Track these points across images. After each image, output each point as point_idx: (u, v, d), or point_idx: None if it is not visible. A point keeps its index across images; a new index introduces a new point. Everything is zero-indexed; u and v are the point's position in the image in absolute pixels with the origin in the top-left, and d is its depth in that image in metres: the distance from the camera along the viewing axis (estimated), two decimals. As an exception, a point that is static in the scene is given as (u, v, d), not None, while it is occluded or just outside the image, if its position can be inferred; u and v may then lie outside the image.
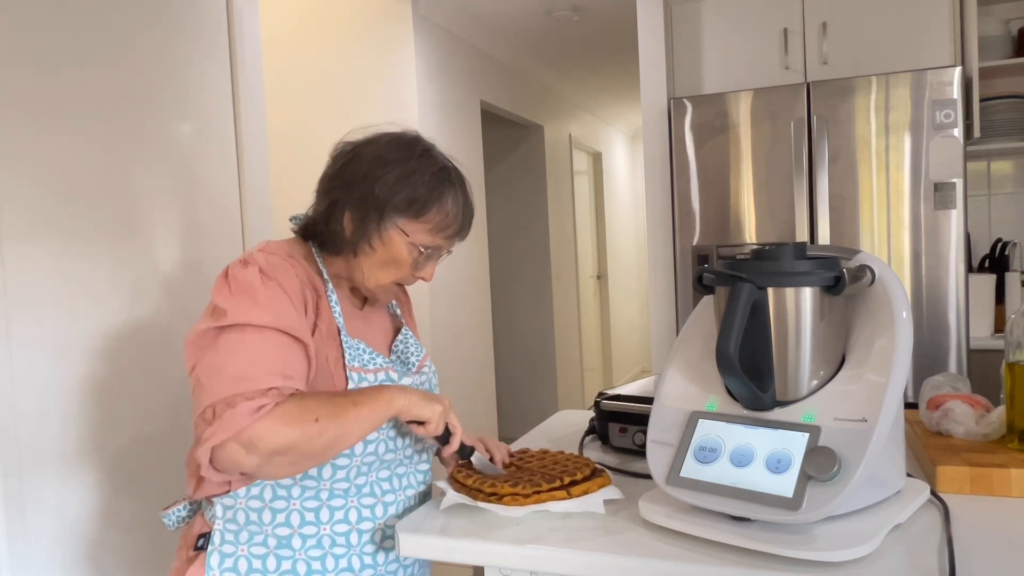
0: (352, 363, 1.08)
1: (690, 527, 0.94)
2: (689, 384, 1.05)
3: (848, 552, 0.84)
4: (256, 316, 0.99)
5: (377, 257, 1.10)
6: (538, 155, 5.21)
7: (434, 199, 1.09)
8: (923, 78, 2.44)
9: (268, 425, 0.93)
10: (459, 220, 1.13)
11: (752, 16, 2.85)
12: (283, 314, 1.01)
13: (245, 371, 0.96)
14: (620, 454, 1.35)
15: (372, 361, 1.12)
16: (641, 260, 7.78)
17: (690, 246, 2.75)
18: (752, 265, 0.96)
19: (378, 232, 1.09)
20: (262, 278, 1.03)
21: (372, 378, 1.10)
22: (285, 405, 0.96)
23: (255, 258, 1.05)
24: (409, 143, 1.13)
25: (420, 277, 1.15)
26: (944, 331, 2.46)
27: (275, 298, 1.01)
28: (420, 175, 1.08)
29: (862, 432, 0.88)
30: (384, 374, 1.12)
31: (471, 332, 4.02)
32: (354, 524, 1.08)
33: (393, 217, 1.08)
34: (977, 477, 1.06)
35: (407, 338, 1.25)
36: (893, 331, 0.93)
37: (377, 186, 1.07)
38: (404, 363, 1.22)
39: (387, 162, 1.09)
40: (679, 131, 2.74)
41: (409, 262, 1.11)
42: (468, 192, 1.16)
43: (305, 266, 1.10)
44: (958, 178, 2.42)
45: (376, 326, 1.22)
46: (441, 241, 1.12)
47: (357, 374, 1.08)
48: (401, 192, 1.07)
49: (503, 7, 3.68)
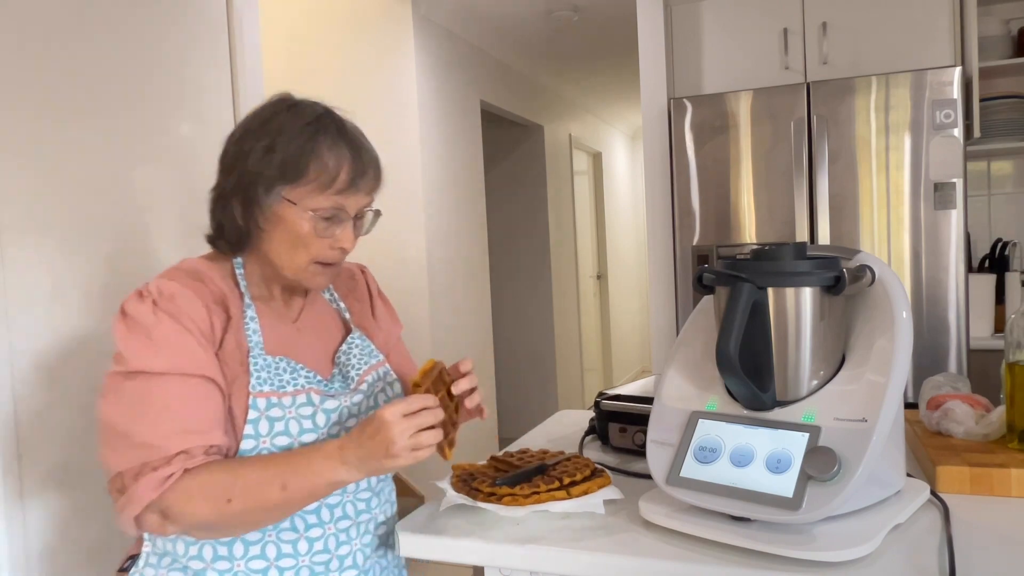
0: (261, 387, 0.98)
1: (690, 527, 0.94)
2: (689, 384, 1.05)
3: (848, 552, 0.84)
4: (153, 361, 0.92)
5: (278, 238, 1.00)
6: (538, 155, 5.21)
7: (307, 155, 0.97)
8: (923, 78, 2.44)
9: (178, 498, 0.89)
10: (347, 170, 0.99)
11: (752, 16, 2.85)
12: (182, 352, 0.93)
13: (149, 436, 0.90)
14: (620, 454, 1.35)
15: (292, 382, 1.01)
16: (641, 260, 7.78)
17: (690, 246, 2.75)
18: (752, 265, 0.96)
19: (267, 210, 0.99)
20: (155, 313, 0.94)
21: (288, 402, 0.99)
22: (197, 476, 0.90)
23: (150, 288, 0.97)
24: (273, 104, 1.03)
25: (340, 247, 1.02)
26: (944, 331, 2.46)
27: (172, 335, 0.93)
28: (287, 134, 0.98)
29: (862, 432, 0.88)
30: (304, 396, 1.01)
31: (471, 332, 4.02)
32: (272, 560, 0.99)
33: (274, 188, 0.98)
34: (977, 477, 1.06)
35: (351, 346, 1.12)
36: (893, 331, 0.93)
37: (249, 161, 0.98)
38: (344, 377, 1.10)
39: (252, 132, 1.00)
40: (679, 131, 2.74)
41: (312, 233, 0.99)
42: (353, 136, 1.02)
43: (217, 284, 1.02)
44: (958, 178, 2.42)
45: (314, 337, 1.11)
46: (339, 200, 0.99)
47: (265, 400, 0.98)
48: (272, 158, 0.97)
49: (503, 7, 3.68)
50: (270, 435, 0.98)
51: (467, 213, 4.03)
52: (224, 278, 1.04)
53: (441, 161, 3.75)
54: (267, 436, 0.98)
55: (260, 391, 0.98)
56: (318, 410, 1.02)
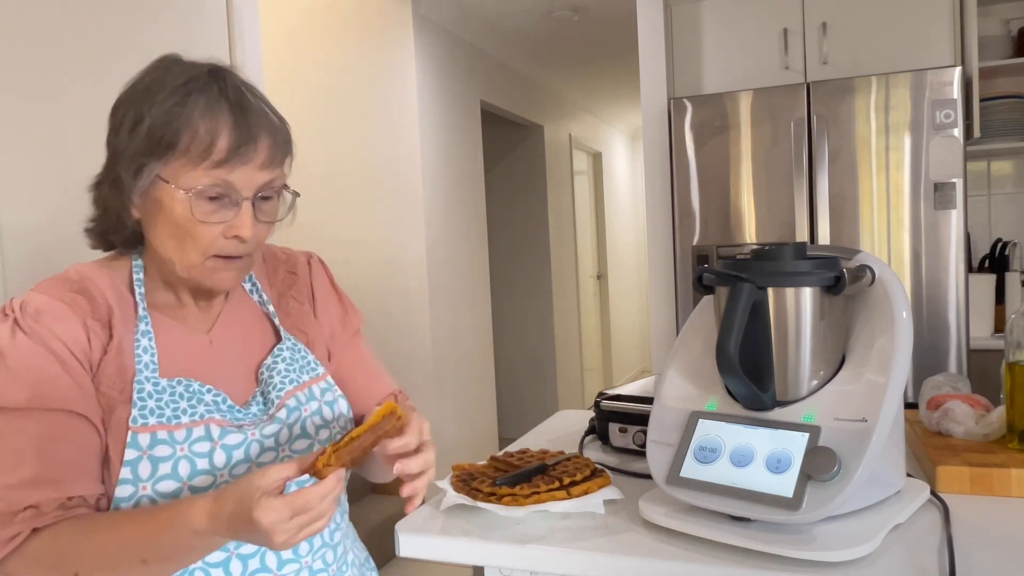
0: (145, 420, 0.81)
1: (690, 527, 0.94)
2: (689, 384, 1.05)
3: (848, 552, 0.84)
4: (8, 394, 0.77)
5: (160, 229, 0.83)
6: (538, 155, 5.21)
7: (177, 120, 0.79)
8: (923, 78, 2.44)
9: (18, 565, 0.76)
10: (226, 136, 0.80)
11: (752, 16, 2.85)
12: (43, 382, 0.78)
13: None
14: (620, 454, 1.35)
15: (190, 411, 0.83)
16: (641, 260, 7.78)
17: (690, 246, 2.75)
18: (752, 265, 0.96)
19: (144, 195, 0.82)
20: (14, 335, 0.79)
21: (181, 436, 0.82)
22: (41, 540, 0.76)
23: (14, 305, 0.82)
24: (151, 66, 0.85)
25: (235, 236, 0.83)
26: (944, 331, 2.46)
27: (32, 361, 0.78)
28: (154, 100, 0.80)
29: (862, 432, 0.88)
30: (202, 428, 0.83)
31: (471, 332, 4.02)
32: None
33: (146, 167, 0.80)
34: (977, 477, 1.06)
35: (277, 359, 0.93)
36: (893, 331, 0.93)
37: (118, 136, 0.83)
38: (266, 400, 0.91)
39: (123, 102, 0.84)
40: (679, 131, 2.74)
41: (194, 218, 0.81)
42: (240, 97, 0.83)
43: (104, 294, 0.85)
44: (958, 178, 2.42)
45: (232, 350, 0.92)
46: (220, 175, 0.80)
47: (148, 435, 0.80)
48: (139, 130, 0.80)
49: (503, 7, 3.68)
50: (152, 479, 0.80)
51: (467, 213, 4.03)
52: (117, 285, 0.87)
53: (441, 161, 3.75)
54: (148, 480, 0.80)
55: (142, 424, 0.81)
56: (216, 446, 0.83)
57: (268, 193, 0.86)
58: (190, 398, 0.84)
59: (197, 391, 0.85)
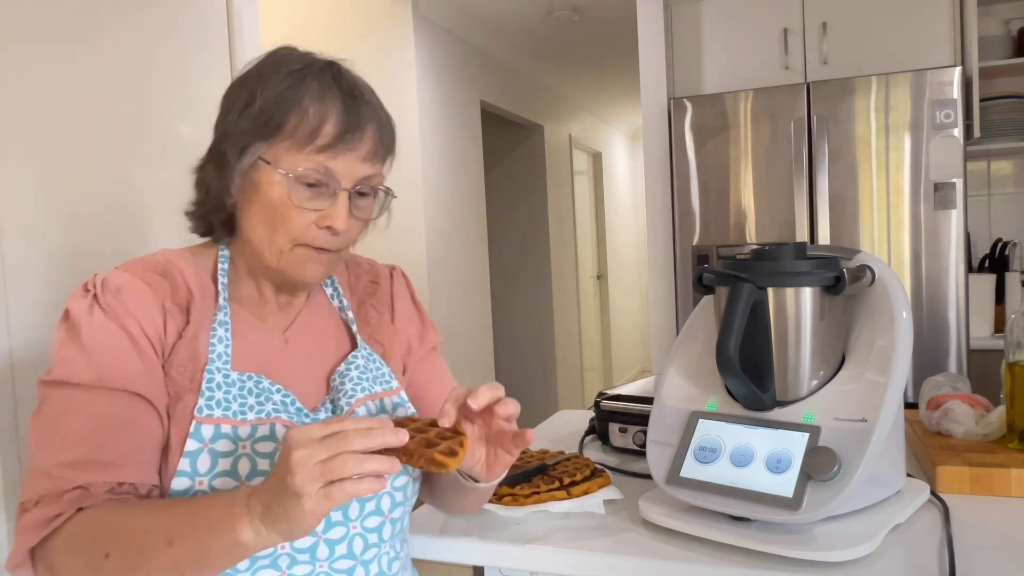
0: (210, 411, 0.79)
1: (690, 527, 0.94)
2: (689, 384, 1.05)
3: (848, 552, 0.84)
4: (75, 370, 0.76)
5: (255, 212, 0.83)
6: (538, 155, 5.21)
7: (287, 103, 0.79)
8: (923, 78, 2.44)
9: (58, 545, 0.72)
10: (335, 121, 0.80)
11: (752, 16, 2.85)
12: (112, 361, 0.77)
13: (50, 465, 0.74)
14: (620, 454, 1.35)
15: (258, 407, 0.81)
16: (641, 260, 7.78)
17: (690, 246, 2.75)
18: (752, 265, 0.96)
19: (243, 177, 0.82)
20: (91, 310, 0.79)
21: (246, 433, 0.79)
22: (79, 521, 0.72)
23: (97, 281, 0.82)
24: (267, 53, 0.86)
25: (327, 226, 0.82)
26: (944, 331, 2.46)
27: (104, 337, 0.78)
28: (268, 83, 0.81)
29: (862, 432, 0.88)
30: (268, 427, 0.80)
31: (471, 332, 4.02)
32: None
33: (250, 147, 0.81)
34: (977, 477, 1.06)
35: (350, 367, 0.90)
36: (893, 331, 0.93)
37: (228, 118, 0.83)
38: (335, 406, 0.88)
39: (236, 86, 0.85)
40: (679, 131, 2.74)
41: (290, 203, 0.80)
42: (353, 87, 0.84)
43: (186, 280, 0.84)
44: (958, 178, 2.42)
45: (307, 352, 0.90)
46: (323, 160, 0.80)
47: (212, 427, 0.78)
48: (249, 111, 0.81)
49: (503, 7, 3.68)
50: (210, 474, 0.77)
51: (467, 213, 4.03)
52: (200, 273, 0.86)
53: (441, 161, 3.75)
54: (206, 475, 0.77)
55: (207, 415, 0.78)
56: (279, 447, 0.79)
57: (365, 189, 0.85)
58: (259, 395, 0.82)
59: (267, 389, 0.83)
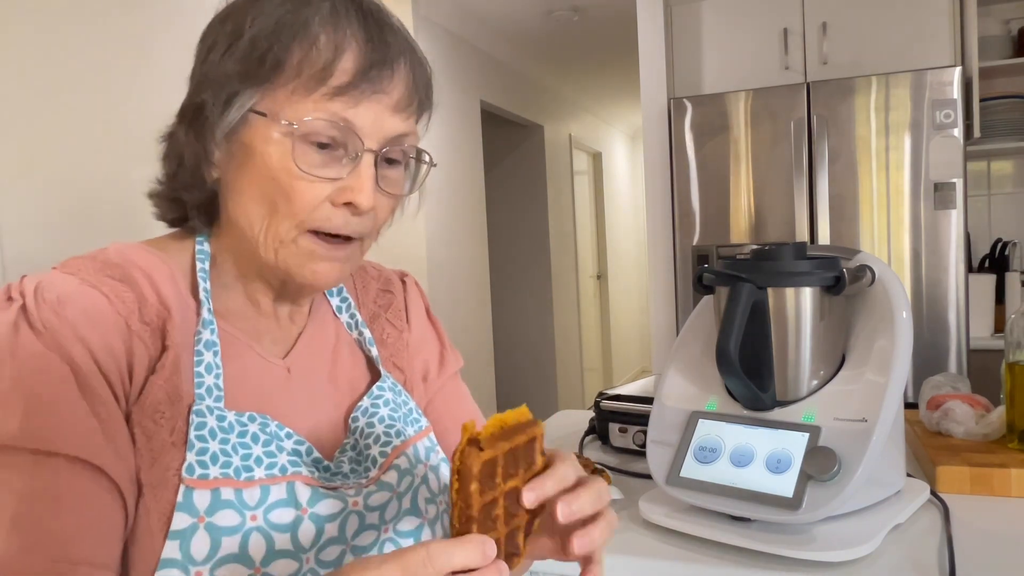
0: (204, 470, 0.55)
1: (690, 527, 0.94)
2: (689, 384, 1.05)
3: (848, 552, 0.84)
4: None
5: (244, 186, 0.60)
6: (538, 155, 5.21)
7: (287, 31, 0.58)
8: (923, 78, 2.44)
9: None
10: (355, 54, 0.58)
11: (752, 16, 2.85)
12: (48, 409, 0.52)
13: None
14: (620, 454, 1.35)
15: (267, 459, 0.58)
16: (641, 260, 7.78)
17: (690, 246, 2.75)
18: (752, 265, 0.96)
19: (229, 139, 0.60)
20: (17, 330, 0.54)
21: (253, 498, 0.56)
22: None
23: (25, 286, 0.56)
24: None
25: (347, 203, 0.60)
26: (944, 331, 2.45)
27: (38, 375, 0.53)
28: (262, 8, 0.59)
29: (862, 432, 0.88)
30: (284, 488, 0.58)
31: (471, 332, 4.02)
32: None
33: (237, 95, 0.58)
34: (977, 477, 1.06)
35: (377, 403, 0.68)
36: (893, 331, 0.93)
37: (205, 64, 0.61)
38: (360, 455, 0.66)
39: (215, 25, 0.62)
40: (679, 131, 2.74)
41: (295, 170, 0.58)
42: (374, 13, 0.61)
43: (156, 286, 0.60)
44: (958, 178, 2.42)
45: (317, 384, 0.68)
46: (339, 108, 0.58)
47: (209, 493, 0.55)
48: (235, 49, 0.59)
49: (503, 7, 3.68)
50: (210, 562, 0.54)
51: (467, 213, 4.03)
52: (174, 276, 0.62)
53: (441, 161, 3.75)
54: (205, 564, 0.54)
55: (201, 476, 0.55)
56: (304, 516, 0.58)
57: (396, 154, 0.63)
58: (266, 443, 0.59)
59: (275, 434, 0.60)
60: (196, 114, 0.61)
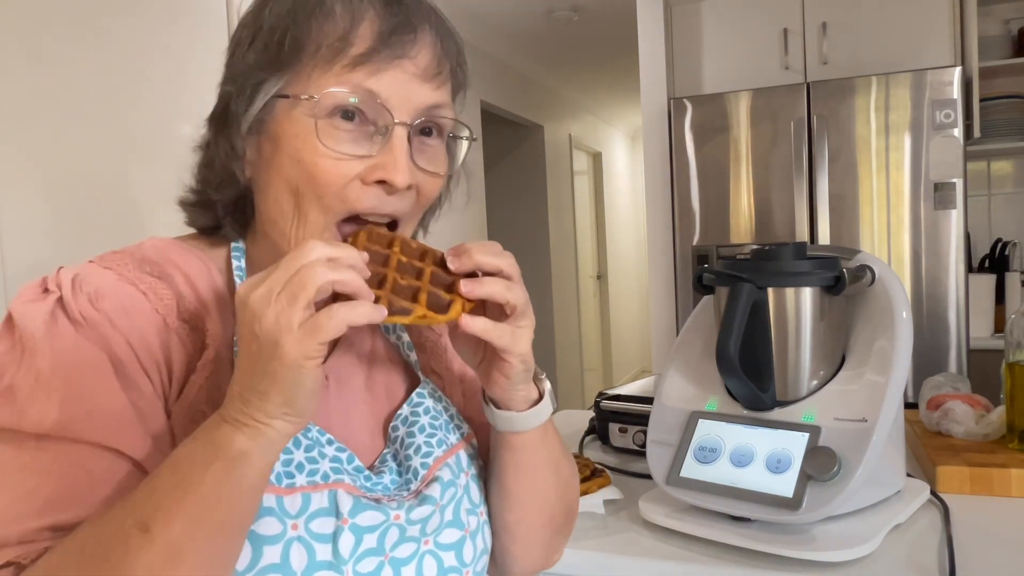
0: None
1: (690, 527, 0.94)
2: (689, 384, 1.05)
3: (848, 552, 0.84)
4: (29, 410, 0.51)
5: (274, 177, 0.58)
6: (538, 155, 5.21)
7: (304, 11, 0.57)
8: (923, 78, 2.44)
9: None
10: (373, 20, 0.57)
11: (752, 16, 2.85)
12: (87, 399, 0.52)
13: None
14: (620, 454, 1.35)
15: (309, 466, 0.57)
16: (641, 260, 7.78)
17: (690, 246, 2.75)
18: (752, 265, 0.96)
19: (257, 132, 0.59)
20: (55, 320, 0.53)
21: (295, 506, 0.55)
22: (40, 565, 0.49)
23: (62, 278, 0.56)
24: None
25: (380, 180, 0.57)
26: (944, 331, 2.45)
27: (77, 366, 0.52)
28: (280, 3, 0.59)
29: (862, 432, 0.88)
30: (326, 496, 0.56)
31: (471, 332, 4.02)
32: None
33: (262, 85, 0.58)
34: (977, 477, 1.06)
35: (418, 411, 0.66)
36: (893, 331, 0.93)
37: (232, 61, 0.61)
38: (401, 465, 0.64)
39: (239, 28, 0.62)
40: (679, 131, 2.74)
41: (319, 147, 0.56)
42: None
43: (194, 283, 0.60)
44: (958, 178, 2.42)
45: (355, 390, 0.66)
46: (358, 78, 0.56)
47: None
48: (257, 41, 0.59)
49: (503, 7, 3.68)
50: (251, 573, 0.53)
51: (467, 213, 4.03)
52: (212, 275, 0.62)
53: (441, 161, 3.75)
54: (244, 574, 0.53)
55: None
56: (345, 527, 0.56)
57: (431, 124, 0.60)
58: (308, 448, 0.57)
59: (316, 441, 0.58)
60: (223, 111, 0.61)
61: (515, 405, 0.63)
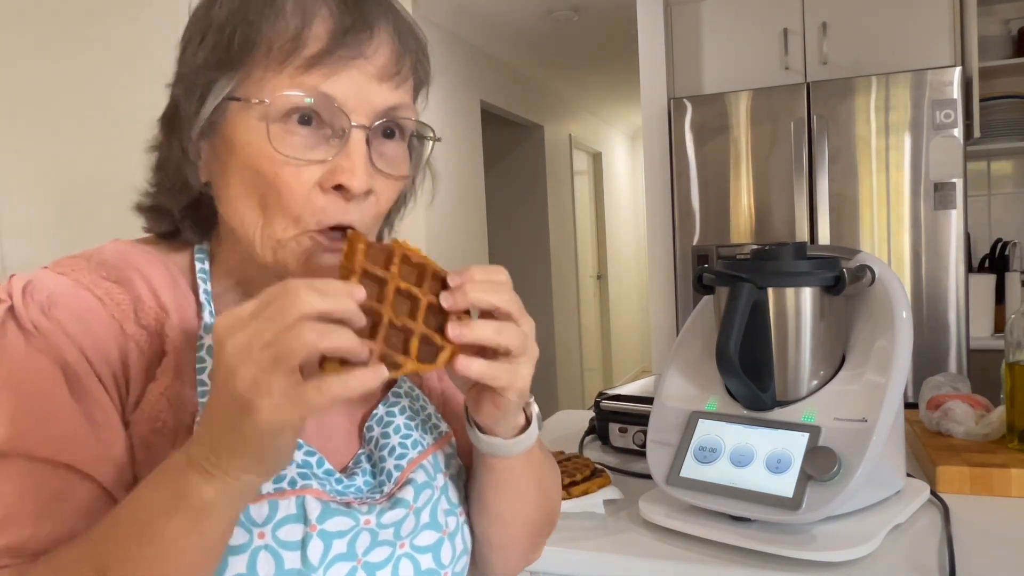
0: None
1: (690, 527, 0.94)
2: (689, 384, 1.05)
3: (848, 552, 0.84)
4: None
5: (231, 183, 0.56)
6: (538, 155, 5.21)
7: (254, 9, 0.55)
8: (923, 78, 2.44)
9: None
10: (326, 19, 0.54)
11: (752, 16, 2.85)
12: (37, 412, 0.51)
13: None
14: (620, 454, 1.35)
15: None
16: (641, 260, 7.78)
17: (690, 246, 2.75)
18: (752, 265, 0.96)
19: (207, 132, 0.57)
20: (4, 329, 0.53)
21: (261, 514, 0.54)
22: None
23: (14, 285, 0.54)
24: None
25: (337, 185, 0.55)
26: (944, 331, 2.45)
27: (27, 377, 0.51)
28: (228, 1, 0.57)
29: (862, 432, 0.88)
30: (293, 502, 0.55)
31: (471, 332, 4.02)
32: None
33: (212, 86, 0.56)
34: (977, 477, 1.06)
35: (393, 412, 0.65)
36: (893, 331, 0.93)
37: (181, 63, 0.60)
38: (376, 468, 0.63)
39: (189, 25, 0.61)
40: (679, 131, 2.74)
41: (275, 154, 0.54)
42: None
43: (155, 287, 0.58)
44: (958, 178, 2.42)
45: None
46: (314, 80, 0.54)
47: None
48: (207, 41, 0.57)
49: (503, 7, 3.68)
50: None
51: (467, 213, 4.03)
52: (174, 278, 0.60)
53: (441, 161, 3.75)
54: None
55: None
56: (313, 533, 0.55)
57: (391, 126, 0.58)
58: None
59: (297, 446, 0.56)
60: (174, 116, 0.59)
61: (501, 433, 0.61)
